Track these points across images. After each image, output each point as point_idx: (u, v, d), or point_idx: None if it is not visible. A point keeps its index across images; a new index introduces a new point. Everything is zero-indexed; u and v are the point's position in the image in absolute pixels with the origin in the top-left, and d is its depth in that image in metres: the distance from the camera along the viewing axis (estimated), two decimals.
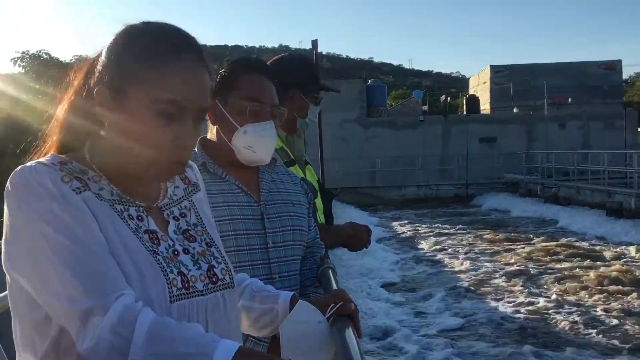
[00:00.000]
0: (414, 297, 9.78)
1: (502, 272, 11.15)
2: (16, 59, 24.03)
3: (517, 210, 20.30)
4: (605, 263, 11.66)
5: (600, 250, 13.08)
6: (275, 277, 1.59)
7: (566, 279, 10.47)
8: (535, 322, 8.20)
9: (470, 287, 10.27)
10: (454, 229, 17.23)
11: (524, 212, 19.74)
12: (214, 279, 1.03)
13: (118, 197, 0.99)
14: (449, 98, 41.67)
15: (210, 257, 1.06)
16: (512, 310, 8.77)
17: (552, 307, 8.76)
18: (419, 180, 24.92)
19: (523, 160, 24.59)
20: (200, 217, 1.12)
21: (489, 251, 13.63)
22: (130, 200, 1.00)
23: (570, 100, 30.49)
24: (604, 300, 9.03)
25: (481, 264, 12.11)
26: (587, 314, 8.38)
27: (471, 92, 38.99)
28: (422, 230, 17.45)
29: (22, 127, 10.78)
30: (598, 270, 10.79)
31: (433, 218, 19.89)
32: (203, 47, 1.02)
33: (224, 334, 0.93)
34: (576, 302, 9.05)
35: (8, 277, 0.94)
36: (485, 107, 33.52)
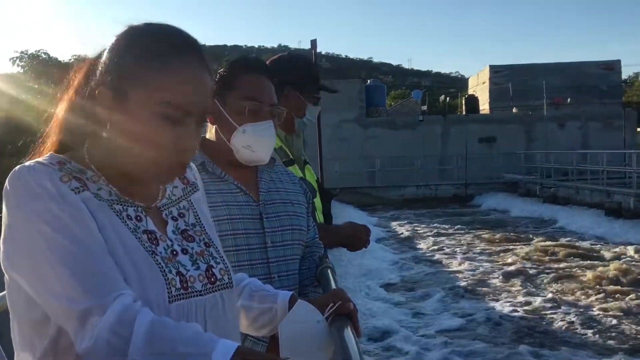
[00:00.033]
0: (412, 297, 9.78)
1: (500, 272, 11.14)
2: (15, 59, 24.07)
3: (516, 210, 20.29)
4: (604, 263, 11.64)
5: (599, 250, 13.07)
6: (274, 276, 1.59)
7: (565, 279, 10.46)
8: (534, 322, 8.20)
9: (468, 287, 10.27)
10: (453, 229, 17.22)
11: (522, 212, 19.73)
12: (212, 279, 1.03)
13: (116, 197, 0.99)
14: (448, 98, 41.74)
15: (208, 257, 1.06)
16: (511, 310, 8.77)
17: (550, 307, 8.76)
18: (418, 180, 24.87)
19: (522, 160, 24.57)
20: (199, 217, 1.12)
21: (487, 251, 13.63)
22: (128, 201, 1.00)
23: (569, 100, 30.54)
24: (602, 300, 9.03)
25: (480, 264, 12.11)
26: (585, 314, 8.38)
27: (470, 92, 39.00)
28: (421, 230, 17.43)
29: (21, 127, 10.77)
30: (597, 270, 10.79)
31: (432, 218, 19.86)
32: (202, 47, 1.02)
33: (223, 334, 0.93)
34: (574, 302, 9.05)
35: (6, 276, 0.94)
36: (484, 107, 33.52)
